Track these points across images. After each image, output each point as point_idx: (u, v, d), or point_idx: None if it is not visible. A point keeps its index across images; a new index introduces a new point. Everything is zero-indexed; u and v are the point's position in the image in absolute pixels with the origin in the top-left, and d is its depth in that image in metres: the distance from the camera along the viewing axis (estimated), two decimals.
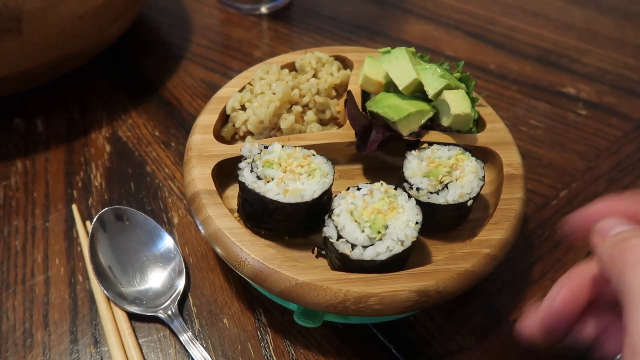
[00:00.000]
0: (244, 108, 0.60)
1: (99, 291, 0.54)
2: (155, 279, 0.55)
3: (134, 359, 0.50)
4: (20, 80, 0.69)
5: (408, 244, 0.47)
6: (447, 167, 0.53)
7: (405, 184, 0.52)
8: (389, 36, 0.92)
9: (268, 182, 0.50)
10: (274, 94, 0.59)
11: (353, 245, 0.47)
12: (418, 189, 0.51)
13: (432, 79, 0.57)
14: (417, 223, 0.48)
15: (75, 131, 0.72)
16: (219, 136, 0.59)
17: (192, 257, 0.58)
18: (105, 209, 0.57)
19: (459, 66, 0.62)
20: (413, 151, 0.55)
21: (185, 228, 0.61)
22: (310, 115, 0.60)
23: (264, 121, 0.57)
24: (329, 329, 0.53)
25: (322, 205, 0.51)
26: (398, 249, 0.46)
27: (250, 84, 0.63)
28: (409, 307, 0.47)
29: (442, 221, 0.53)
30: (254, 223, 0.52)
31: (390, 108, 0.57)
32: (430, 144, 0.55)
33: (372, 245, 0.47)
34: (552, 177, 0.69)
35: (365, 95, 0.63)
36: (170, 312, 0.52)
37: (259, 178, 0.50)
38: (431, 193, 0.51)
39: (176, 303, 0.53)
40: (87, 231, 0.59)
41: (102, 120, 0.74)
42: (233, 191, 0.56)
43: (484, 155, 0.59)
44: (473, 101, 0.61)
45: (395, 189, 0.51)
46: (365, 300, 0.46)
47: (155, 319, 0.53)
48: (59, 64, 0.70)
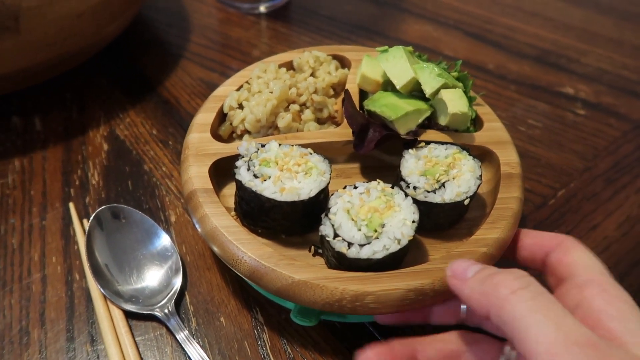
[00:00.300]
0: (241, 107, 0.60)
1: (95, 289, 0.54)
2: (152, 277, 0.55)
3: (131, 357, 0.50)
4: (18, 79, 0.69)
5: (405, 242, 0.47)
6: (444, 166, 0.53)
7: (402, 183, 0.52)
8: (388, 36, 0.92)
9: (265, 181, 0.50)
10: (272, 92, 0.59)
11: (350, 244, 0.46)
12: (415, 188, 0.51)
13: (430, 77, 0.57)
14: (414, 222, 0.48)
15: (73, 130, 0.72)
16: (216, 135, 0.59)
17: (189, 256, 0.58)
18: (102, 207, 0.57)
19: (457, 65, 0.62)
20: (410, 150, 0.54)
21: (182, 226, 0.61)
22: (307, 114, 0.60)
23: (262, 120, 0.57)
24: (326, 327, 0.53)
25: (319, 203, 0.51)
26: (394, 247, 0.46)
27: (247, 82, 0.63)
28: (406, 306, 0.46)
29: (439, 220, 0.53)
30: (251, 221, 0.52)
31: (388, 107, 0.57)
32: (428, 142, 0.55)
33: (369, 243, 0.47)
34: (550, 177, 0.69)
35: (363, 94, 0.63)
36: (167, 311, 0.52)
37: (255, 176, 0.50)
38: (428, 192, 0.51)
39: (173, 301, 0.53)
40: (84, 229, 0.58)
41: (100, 119, 0.74)
42: (230, 189, 0.56)
43: (482, 154, 0.59)
44: (470, 100, 0.61)
45: (392, 187, 0.51)
46: (361, 299, 0.45)
47: (151, 318, 0.53)
48: (57, 63, 0.70)
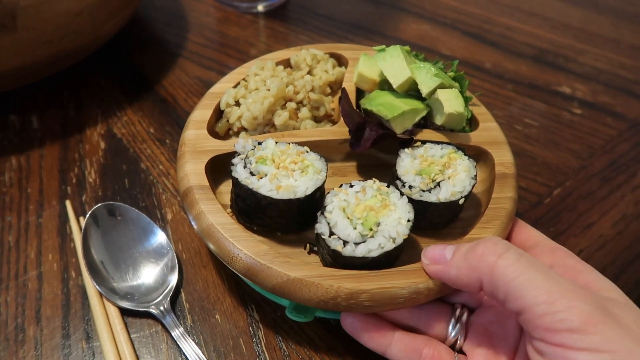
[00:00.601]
0: (238, 104, 0.60)
1: (91, 286, 0.54)
2: (148, 274, 0.55)
3: (126, 354, 0.50)
4: (15, 77, 0.69)
5: (399, 241, 0.47)
6: (440, 166, 0.53)
7: (397, 182, 0.53)
8: (386, 35, 0.92)
9: (261, 178, 0.50)
10: (269, 90, 0.59)
11: (345, 242, 0.47)
12: (410, 187, 0.51)
13: (426, 77, 0.57)
14: (409, 220, 0.48)
15: (70, 128, 0.72)
16: (212, 132, 0.59)
17: (185, 253, 0.58)
18: (99, 204, 0.57)
19: (453, 65, 0.62)
20: (406, 149, 0.55)
21: (178, 224, 0.61)
22: (304, 112, 0.60)
23: (258, 117, 0.57)
24: (321, 324, 0.53)
25: (315, 201, 0.51)
26: (389, 246, 0.46)
27: (244, 79, 0.63)
28: (400, 304, 0.47)
29: (434, 219, 0.53)
30: (247, 219, 0.52)
31: (384, 106, 0.57)
32: (424, 142, 0.55)
33: (364, 242, 0.47)
34: (546, 176, 0.69)
35: (360, 92, 0.63)
36: (162, 308, 0.52)
37: (252, 174, 0.50)
38: (423, 191, 0.51)
39: (168, 299, 0.53)
40: (81, 227, 0.58)
41: (97, 117, 0.74)
42: (226, 186, 0.56)
43: (477, 154, 0.59)
44: (467, 100, 0.61)
45: (388, 186, 0.51)
46: (356, 297, 0.46)
47: (147, 315, 0.53)
48: (55, 61, 0.70)
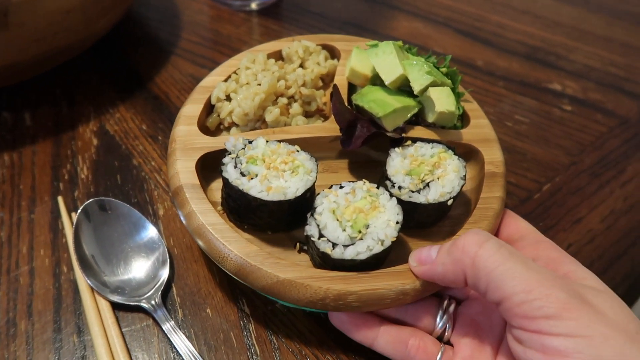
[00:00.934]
0: (229, 98, 0.60)
1: (82, 281, 0.54)
2: (139, 269, 0.55)
3: (117, 347, 0.50)
4: (7, 74, 0.69)
5: (388, 243, 0.47)
6: (430, 166, 0.53)
7: (387, 182, 0.53)
8: (378, 33, 0.92)
9: (252, 179, 0.50)
10: (260, 84, 0.59)
11: (334, 245, 0.47)
12: (400, 188, 0.52)
13: (419, 75, 0.57)
14: (398, 223, 0.48)
15: (62, 125, 0.73)
16: (203, 126, 0.60)
17: (177, 249, 0.59)
18: (90, 200, 0.58)
19: (446, 60, 0.62)
20: (397, 148, 0.55)
21: (170, 220, 0.62)
22: (295, 107, 0.60)
23: (249, 114, 0.58)
24: (311, 318, 0.54)
25: (305, 201, 0.51)
26: (378, 248, 0.47)
27: (235, 72, 0.63)
28: (387, 304, 0.48)
29: (422, 219, 0.54)
30: (237, 217, 0.52)
31: (376, 103, 0.57)
32: (414, 141, 0.55)
33: (353, 244, 0.47)
34: (536, 172, 0.70)
35: (352, 87, 0.63)
36: (153, 302, 0.53)
37: (242, 174, 0.50)
38: (412, 192, 0.51)
39: (160, 293, 0.54)
40: (73, 223, 0.59)
41: (90, 114, 0.74)
42: (218, 183, 0.56)
43: (467, 151, 0.59)
44: (459, 96, 0.61)
45: (378, 187, 0.51)
46: (344, 298, 0.46)
47: (138, 309, 0.53)
48: (47, 58, 0.70)
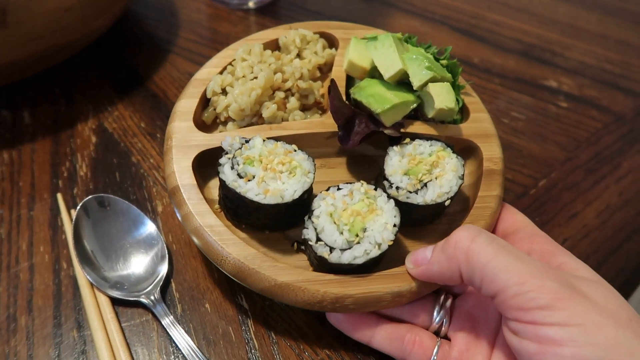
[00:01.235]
0: (224, 92, 0.59)
1: (82, 277, 0.54)
2: (138, 264, 0.56)
3: (117, 342, 0.51)
4: (6, 72, 0.69)
5: (385, 247, 0.47)
6: (428, 165, 0.53)
7: (385, 182, 0.53)
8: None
9: (249, 181, 0.49)
10: (256, 77, 0.58)
11: (331, 249, 0.47)
12: (398, 188, 0.51)
13: (418, 70, 0.56)
14: (395, 225, 0.48)
15: (61, 123, 0.73)
16: (199, 120, 0.59)
17: (175, 244, 0.59)
18: (89, 197, 0.58)
19: (446, 52, 0.61)
20: (395, 147, 0.54)
21: (169, 216, 0.62)
22: (293, 102, 0.60)
23: (246, 110, 0.57)
24: (309, 313, 0.54)
25: (303, 202, 0.51)
26: (375, 252, 0.47)
27: (231, 64, 0.62)
28: (384, 306, 0.48)
29: (419, 217, 0.54)
30: (235, 217, 0.52)
31: (374, 98, 0.56)
32: (413, 138, 0.55)
33: (350, 248, 0.47)
34: (532, 167, 0.71)
35: (350, 78, 0.62)
36: (152, 297, 0.53)
37: (239, 176, 0.50)
38: (410, 192, 0.51)
39: (159, 288, 0.54)
40: (72, 220, 0.59)
41: (89, 112, 0.75)
42: (215, 180, 0.56)
43: (466, 146, 0.59)
44: (459, 88, 0.60)
45: (375, 189, 0.50)
46: (341, 301, 0.47)
47: (138, 304, 0.54)
48: (45, 56, 0.71)
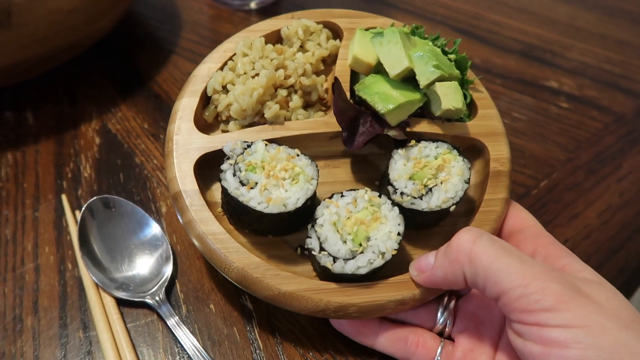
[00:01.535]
0: (225, 88, 0.57)
1: (87, 278, 0.55)
2: (143, 265, 0.56)
3: (122, 343, 0.51)
4: (10, 73, 0.70)
5: (389, 257, 0.47)
6: (433, 169, 0.52)
7: (389, 187, 0.52)
8: None
9: (251, 189, 0.49)
10: (258, 74, 0.56)
11: (335, 258, 0.47)
12: (402, 194, 0.51)
13: (425, 68, 0.54)
14: (399, 234, 0.48)
15: (65, 124, 0.73)
16: (200, 119, 0.57)
17: (180, 245, 0.60)
18: (94, 198, 0.58)
19: (456, 44, 0.60)
20: (400, 150, 0.53)
21: (173, 217, 0.62)
22: (296, 100, 0.58)
23: (247, 110, 0.56)
24: None
25: (306, 209, 0.50)
26: (379, 262, 0.47)
27: (232, 59, 0.59)
28: (387, 313, 0.49)
29: (423, 222, 0.54)
30: (238, 221, 0.52)
31: (380, 96, 0.54)
32: (418, 140, 0.54)
33: (354, 258, 0.47)
34: (533, 168, 0.71)
35: (355, 73, 0.60)
36: (157, 298, 0.54)
37: (242, 183, 0.49)
38: (415, 198, 0.51)
39: (163, 289, 0.54)
40: (77, 220, 0.59)
41: (92, 113, 0.75)
42: (218, 183, 0.55)
43: (473, 145, 0.58)
44: (467, 83, 0.58)
45: (380, 195, 0.50)
46: (344, 310, 0.47)
47: (143, 305, 0.54)
48: (49, 57, 0.71)
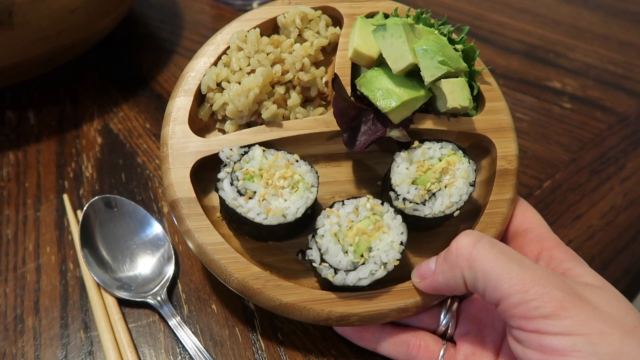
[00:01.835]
0: (220, 86, 0.55)
1: (89, 278, 0.55)
2: (145, 265, 0.56)
3: (124, 343, 0.51)
4: (12, 73, 0.70)
5: (391, 267, 0.46)
6: (437, 173, 0.50)
7: (391, 193, 0.50)
8: None
9: (250, 199, 0.47)
10: (254, 71, 0.53)
11: (336, 270, 0.46)
12: (405, 200, 0.49)
13: (431, 63, 0.50)
14: (402, 243, 0.47)
15: (67, 123, 0.73)
16: (195, 120, 0.55)
17: (182, 245, 0.59)
18: (96, 197, 0.58)
19: (463, 32, 0.58)
20: (402, 153, 0.51)
21: None
22: (294, 97, 0.55)
23: (244, 111, 0.53)
24: None
25: (306, 217, 0.49)
26: (381, 273, 0.46)
27: (225, 53, 0.56)
28: (389, 320, 0.49)
29: (426, 227, 0.53)
30: (237, 227, 0.51)
31: (382, 94, 0.52)
32: (422, 141, 0.52)
33: (355, 269, 0.46)
34: (536, 169, 0.71)
35: (356, 66, 0.57)
36: (159, 298, 0.53)
37: (239, 193, 0.48)
38: (417, 204, 0.49)
39: (165, 289, 0.54)
40: (78, 220, 0.59)
41: (94, 113, 0.75)
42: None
43: (480, 140, 0.56)
44: (475, 74, 0.57)
45: (382, 203, 0.49)
46: (346, 319, 0.47)
47: (144, 305, 0.54)
48: (51, 57, 0.71)
